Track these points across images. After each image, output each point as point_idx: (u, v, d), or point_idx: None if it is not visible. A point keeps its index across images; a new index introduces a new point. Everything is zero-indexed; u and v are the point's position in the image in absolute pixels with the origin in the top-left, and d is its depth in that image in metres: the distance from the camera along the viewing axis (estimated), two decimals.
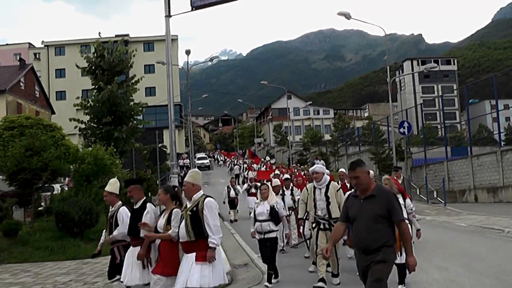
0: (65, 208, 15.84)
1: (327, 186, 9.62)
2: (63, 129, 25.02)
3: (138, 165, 22.04)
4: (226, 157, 72.41)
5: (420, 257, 11.61)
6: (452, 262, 11.05)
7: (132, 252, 7.40)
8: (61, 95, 72.35)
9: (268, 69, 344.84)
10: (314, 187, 9.78)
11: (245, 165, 44.87)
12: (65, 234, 15.89)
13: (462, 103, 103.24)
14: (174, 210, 7.08)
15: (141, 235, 7.20)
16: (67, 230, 15.87)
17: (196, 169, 7.40)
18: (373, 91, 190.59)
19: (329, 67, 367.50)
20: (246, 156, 64.41)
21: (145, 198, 7.81)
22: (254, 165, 39.87)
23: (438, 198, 28.92)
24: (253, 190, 22.58)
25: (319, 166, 10.20)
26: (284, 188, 14.22)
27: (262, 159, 47.18)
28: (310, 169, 10.66)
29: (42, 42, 76.97)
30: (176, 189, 7.66)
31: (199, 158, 63.24)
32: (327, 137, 79.34)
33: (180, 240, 6.66)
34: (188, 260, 6.53)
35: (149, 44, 76.24)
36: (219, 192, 26.11)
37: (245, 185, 24.10)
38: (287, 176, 16.76)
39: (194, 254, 6.51)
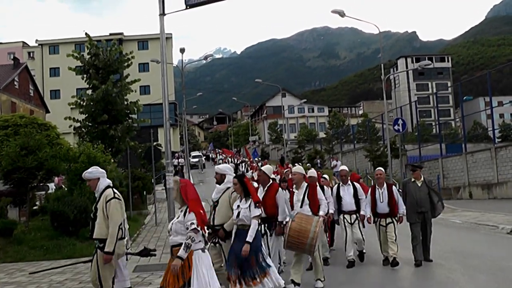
0: (60, 207, 15.82)
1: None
2: (58, 128, 24.96)
3: (133, 164, 22.03)
4: (226, 155, 71.31)
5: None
6: (447, 258, 11.08)
7: None
8: (55, 94, 72.17)
9: (263, 67, 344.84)
10: None
11: (244, 164, 44.58)
12: (60, 233, 15.85)
13: (456, 100, 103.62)
14: None
15: None
16: (62, 229, 15.85)
17: None
18: (368, 88, 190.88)
19: (324, 65, 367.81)
20: (242, 152, 64.23)
21: None
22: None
23: None
24: None
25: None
26: None
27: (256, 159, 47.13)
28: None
29: (36, 41, 76.70)
30: None
31: (194, 157, 63.22)
32: (321, 135, 79.41)
33: None
34: None
35: (143, 42, 76.12)
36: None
37: None
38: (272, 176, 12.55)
39: None
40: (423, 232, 10.98)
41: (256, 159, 47.77)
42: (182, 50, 37.93)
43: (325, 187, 11.35)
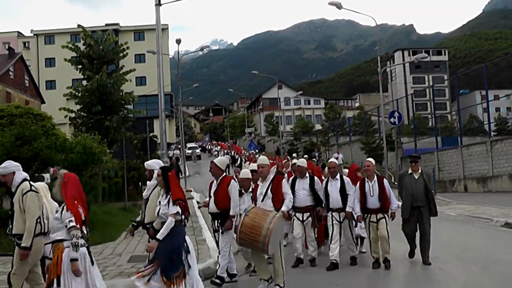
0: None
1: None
2: (53, 118, 24.86)
3: (128, 155, 21.99)
4: (221, 147, 70.97)
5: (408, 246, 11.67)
6: (441, 251, 11.06)
7: None
8: (51, 85, 71.82)
9: (259, 59, 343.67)
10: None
11: (238, 156, 44.40)
12: None
13: (452, 94, 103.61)
14: None
15: None
16: None
17: None
18: (364, 81, 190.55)
19: (320, 57, 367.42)
20: (238, 144, 64.19)
21: None
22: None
23: None
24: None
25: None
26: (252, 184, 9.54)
27: (253, 151, 47.08)
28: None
29: (31, 31, 76.32)
30: None
31: (189, 148, 63.25)
32: (318, 127, 79.35)
33: None
34: None
35: (139, 33, 75.82)
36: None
37: None
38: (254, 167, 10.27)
39: None
40: (420, 229, 10.16)
41: (252, 151, 47.63)
42: (178, 41, 37.67)
43: (316, 179, 10.54)
